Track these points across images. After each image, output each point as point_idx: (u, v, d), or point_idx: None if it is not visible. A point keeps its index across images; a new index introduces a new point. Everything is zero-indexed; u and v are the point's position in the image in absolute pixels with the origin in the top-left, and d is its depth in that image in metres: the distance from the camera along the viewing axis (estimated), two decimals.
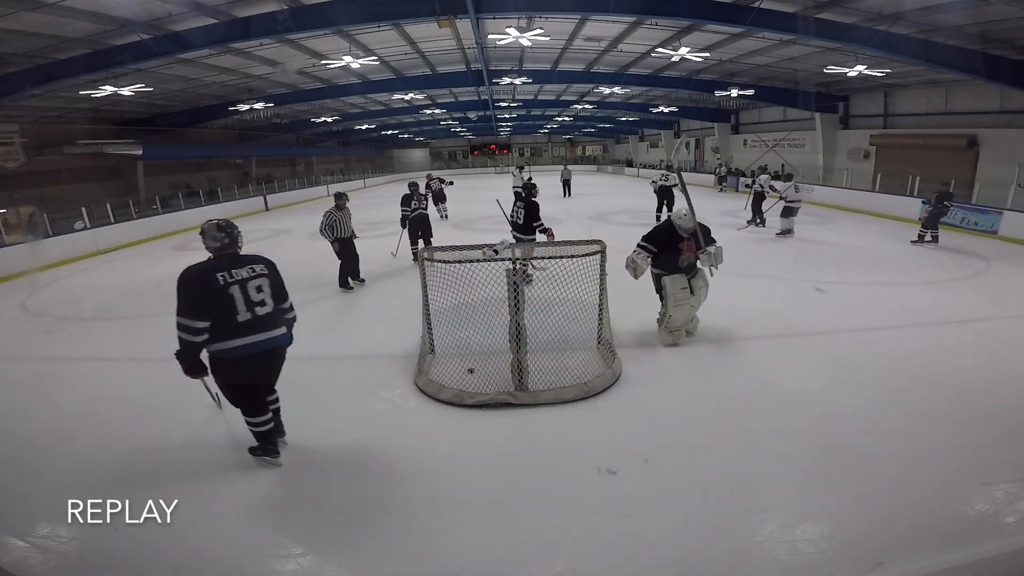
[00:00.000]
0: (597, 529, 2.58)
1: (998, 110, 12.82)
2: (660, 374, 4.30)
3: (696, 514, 2.66)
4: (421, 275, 4.31)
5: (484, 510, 2.75)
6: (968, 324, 5.36)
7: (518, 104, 25.96)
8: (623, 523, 2.61)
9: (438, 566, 2.40)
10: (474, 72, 16.50)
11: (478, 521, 2.67)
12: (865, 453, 3.11)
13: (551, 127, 38.20)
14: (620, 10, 10.11)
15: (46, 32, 9.13)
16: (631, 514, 2.66)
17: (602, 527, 2.59)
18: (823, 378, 4.23)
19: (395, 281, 7.55)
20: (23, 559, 2.48)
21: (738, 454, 3.16)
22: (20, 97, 11.37)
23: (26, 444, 3.52)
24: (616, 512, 2.68)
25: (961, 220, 11.09)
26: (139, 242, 12.81)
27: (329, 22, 9.98)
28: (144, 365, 4.91)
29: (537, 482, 2.97)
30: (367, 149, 40.02)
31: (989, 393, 3.81)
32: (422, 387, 4.06)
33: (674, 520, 2.61)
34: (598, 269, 4.22)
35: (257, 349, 2.81)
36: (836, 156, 18.33)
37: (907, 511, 2.61)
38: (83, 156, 16.34)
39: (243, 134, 24.02)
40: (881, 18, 9.64)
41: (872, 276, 7.32)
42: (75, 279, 9.09)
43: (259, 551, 2.54)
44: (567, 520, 2.64)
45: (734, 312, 5.77)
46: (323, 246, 11.26)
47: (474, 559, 2.44)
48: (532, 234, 6.54)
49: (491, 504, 2.80)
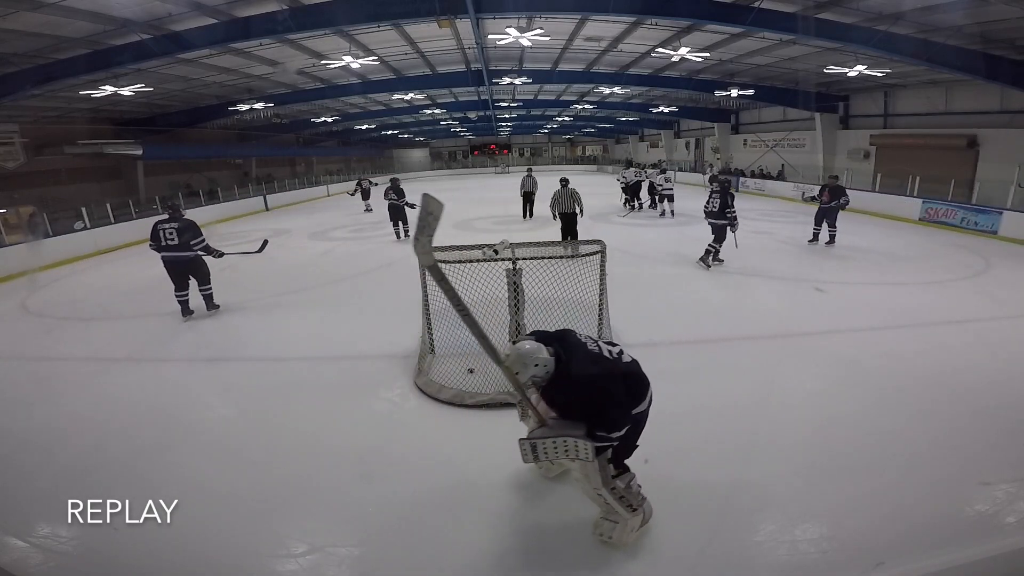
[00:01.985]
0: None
1: (998, 110, 12.82)
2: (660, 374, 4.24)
3: (696, 514, 2.66)
4: (421, 275, 4.31)
5: (484, 510, 2.75)
6: (968, 324, 5.36)
7: (518, 104, 25.95)
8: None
9: (438, 566, 2.40)
10: (474, 72, 16.50)
11: (478, 521, 2.67)
12: (865, 453, 3.11)
13: (551, 127, 38.22)
14: (620, 10, 10.10)
15: (46, 32, 9.12)
16: None
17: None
18: (823, 378, 4.23)
19: (395, 281, 7.55)
20: (23, 559, 2.48)
21: (738, 454, 3.16)
22: (20, 97, 11.35)
23: (26, 444, 3.52)
24: None
25: (961, 220, 11.10)
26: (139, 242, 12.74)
27: (329, 22, 9.97)
28: (144, 365, 4.92)
29: (537, 482, 2.97)
30: (367, 149, 40.02)
31: (989, 393, 3.81)
32: (422, 387, 4.06)
33: (674, 520, 2.61)
34: (598, 269, 4.22)
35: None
36: (836, 156, 18.32)
37: (907, 511, 2.61)
38: (83, 156, 16.33)
39: (243, 134, 24.01)
40: (881, 18, 9.63)
41: (872, 276, 7.32)
42: (75, 279, 9.09)
43: (259, 551, 2.54)
44: (567, 520, 2.64)
45: (734, 312, 5.78)
46: (322, 246, 11.33)
47: (474, 559, 2.44)
48: (725, 220, 7.47)
49: (491, 504, 2.80)
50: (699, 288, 6.94)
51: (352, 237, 12.28)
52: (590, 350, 2.24)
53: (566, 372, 2.14)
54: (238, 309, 6.63)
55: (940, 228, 11.36)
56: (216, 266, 6.48)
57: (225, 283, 8.07)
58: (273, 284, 7.81)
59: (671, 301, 6.31)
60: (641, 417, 2.29)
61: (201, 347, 5.33)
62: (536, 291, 3.93)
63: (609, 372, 2.17)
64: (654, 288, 6.99)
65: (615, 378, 2.17)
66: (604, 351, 2.29)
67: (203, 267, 6.27)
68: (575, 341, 2.29)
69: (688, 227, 12.01)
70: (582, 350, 2.23)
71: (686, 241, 10.32)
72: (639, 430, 2.33)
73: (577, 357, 2.18)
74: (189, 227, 5.98)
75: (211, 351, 5.20)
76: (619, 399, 2.13)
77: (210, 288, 6.41)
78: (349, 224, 14.25)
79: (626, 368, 2.26)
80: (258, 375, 4.56)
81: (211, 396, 4.26)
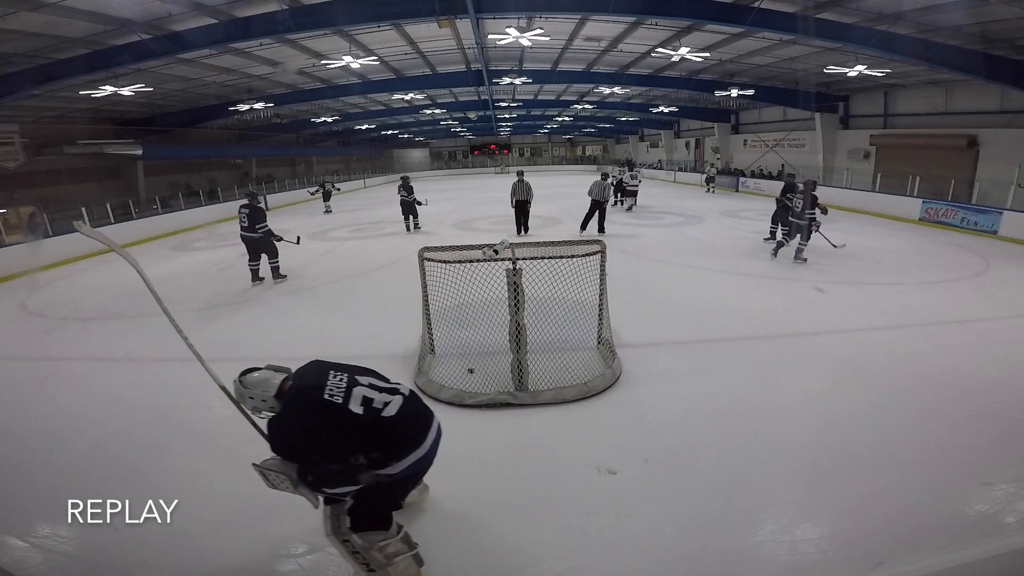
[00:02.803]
0: (597, 529, 2.58)
1: (998, 110, 12.82)
2: (660, 374, 4.30)
3: (696, 514, 2.66)
4: (421, 275, 4.31)
5: (484, 510, 2.75)
6: (968, 324, 5.36)
7: (518, 104, 25.95)
8: (623, 523, 2.61)
9: (439, 566, 2.39)
10: (474, 72, 16.50)
11: (478, 521, 2.67)
12: (865, 453, 3.11)
13: (551, 127, 38.19)
14: (620, 10, 10.10)
15: (46, 32, 9.12)
16: (631, 514, 2.66)
17: (602, 527, 2.59)
18: (823, 378, 4.23)
19: (395, 281, 7.55)
20: (23, 559, 2.49)
21: (738, 454, 3.16)
22: (20, 97, 11.36)
23: (26, 444, 3.52)
24: (616, 512, 2.68)
25: (961, 220, 11.10)
26: (139, 242, 12.79)
27: (329, 22, 9.97)
28: (144, 365, 4.91)
29: (537, 482, 2.97)
30: (367, 149, 40.01)
31: (989, 393, 3.81)
32: (422, 387, 4.06)
33: (674, 520, 2.61)
34: (598, 269, 4.22)
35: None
36: (836, 156, 18.33)
37: (907, 511, 2.61)
38: (83, 156, 16.32)
39: (243, 134, 24.01)
40: (881, 18, 9.64)
41: (872, 276, 7.32)
42: (75, 279, 9.09)
43: (259, 551, 2.55)
44: (567, 520, 2.64)
45: (734, 312, 5.77)
46: (322, 247, 11.33)
47: (474, 559, 2.44)
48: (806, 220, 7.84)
49: (491, 504, 2.80)
50: (699, 288, 6.94)
51: (352, 237, 12.28)
52: (322, 399, 1.91)
53: (279, 416, 1.94)
54: (238, 309, 6.63)
55: (940, 228, 11.36)
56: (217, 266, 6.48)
57: (225, 283, 8.10)
58: (273, 284, 7.81)
59: (671, 301, 6.31)
60: (397, 479, 1.94)
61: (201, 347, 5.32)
62: (536, 291, 3.93)
63: (313, 431, 1.87)
64: (654, 288, 6.99)
65: (324, 435, 1.86)
66: (357, 398, 1.94)
67: (270, 245, 7.58)
68: (311, 384, 1.97)
69: (688, 227, 12.03)
70: (308, 399, 1.93)
71: (686, 241, 10.34)
72: (394, 492, 2.02)
73: (295, 406, 1.93)
74: (257, 213, 7.39)
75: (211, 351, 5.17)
76: (316, 463, 1.86)
77: (277, 262, 7.78)
78: (349, 224, 14.25)
79: (380, 422, 1.92)
80: None
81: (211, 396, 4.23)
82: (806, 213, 7.75)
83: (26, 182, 14.94)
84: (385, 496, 1.95)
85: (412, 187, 12.20)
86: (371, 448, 1.85)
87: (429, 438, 2.04)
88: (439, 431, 2.14)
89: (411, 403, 2.06)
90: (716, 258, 8.65)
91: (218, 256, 10.39)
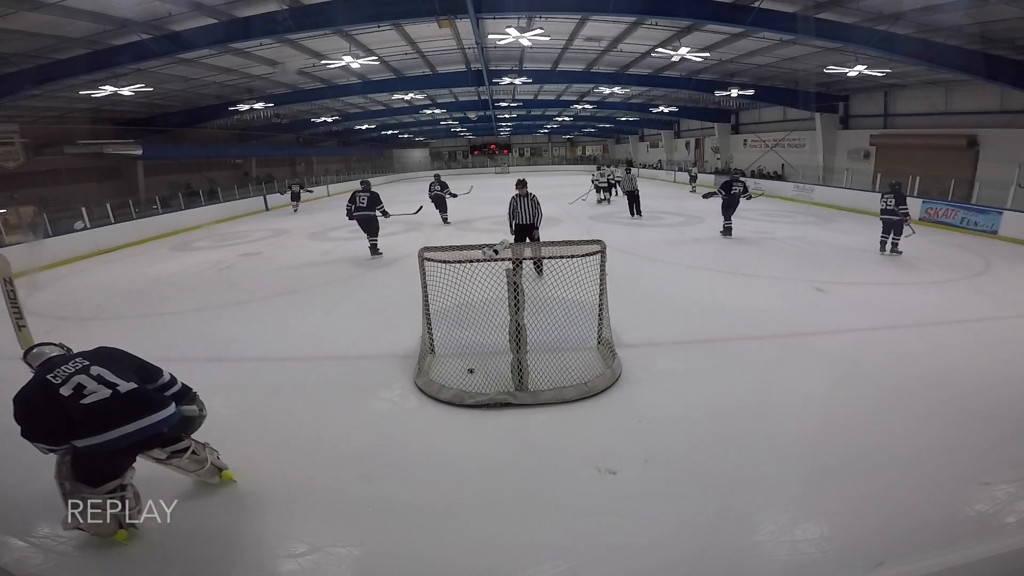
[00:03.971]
0: (597, 529, 2.57)
1: (998, 110, 12.82)
2: (660, 374, 4.30)
3: (696, 514, 2.66)
4: (421, 275, 4.31)
5: (484, 510, 2.75)
6: (968, 324, 5.36)
7: (518, 104, 25.95)
8: (623, 523, 2.61)
9: (439, 566, 2.39)
10: (474, 72, 16.50)
11: (478, 521, 2.67)
12: (865, 453, 3.11)
13: (551, 127, 38.19)
14: (620, 10, 10.10)
15: (46, 32, 9.12)
16: (631, 514, 2.66)
17: (602, 527, 2.59)
18: (823, 378, 4.23)
19: (395, 281, 7.55)
20: (23, 559, 2.49)
21: (738, 454, 3.16)
22: (20, 97, 11.36)
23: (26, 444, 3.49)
24: (616, 512, 2.68)
25: (961, 220, 11.11)
26: (139, 242, 12.80)
27: (329, 22, 9.97)
28: None
29: (537, 482, 2.97)
30: (367, 149, 40.00)
31: (989, 393, 3.81)
32: (422, 387, 4.06)
33: (674, 520, 2.61)
34: (598, 269, 4.22)
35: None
36: (836, 156, 18.32)
37: (907, 511, 2.61)
38: (83, 156, 16.31)
39: (243, 134, 24.00)
40: (881, 18, 9.63)
41: (872, 276, 7.32)
42: (75, 279, 9.09)
43: (259, 551, 2.55)
44: (567, 520, 2.64)
45: (734, 312, 5.77)
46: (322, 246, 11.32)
47: (474, 559, 2.44)
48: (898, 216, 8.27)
49: (491, 504, 2.80)
50: (699, 288, 6.94)
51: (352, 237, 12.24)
52: (44, 378, 2.38)
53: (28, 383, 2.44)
54: (238, 309, 6.63)
55: (940, 228, 11.37)
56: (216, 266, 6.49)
57: (225, 283, 8.11)
58: (273, 284, 7.81)
59: (671, 301, 6.31)
60: (94, 449, 2.31)
61: (201, 347, 5.33)
62: (536, 291, 3.93)
63: (20, 399, 2.36)
64: (654, 288, 6.99)
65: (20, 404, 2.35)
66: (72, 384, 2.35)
67: (376, 225, 9.18)
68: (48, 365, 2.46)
69: (688, 227, 12.03)
70: (39, 375, 2.43)
71: (686, 241, 10.34)
72: (100, 459, 2.36)
73: (33, 378, 2.44)
74: (375, 197, 9.01)
75: (211, 351, 5.20)
76: (19, 421, 2.35)
77: (376, 239, 9.29)
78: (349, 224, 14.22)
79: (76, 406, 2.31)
80: (258, 375, 4.55)
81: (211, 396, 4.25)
82: (899, 209, 8.27)
83: (26, 182, 14.92)
84: (91, 460, 2.35)
85: (445, 183, 13.40)
86: (65, 423, 2.30)
87: (121, 431, 2.32)
88: (155, 426, 2.40)
89: (119, 399, 2.37)
90: (716, 258, 8.66)
91: (218, 256, 10.40)
